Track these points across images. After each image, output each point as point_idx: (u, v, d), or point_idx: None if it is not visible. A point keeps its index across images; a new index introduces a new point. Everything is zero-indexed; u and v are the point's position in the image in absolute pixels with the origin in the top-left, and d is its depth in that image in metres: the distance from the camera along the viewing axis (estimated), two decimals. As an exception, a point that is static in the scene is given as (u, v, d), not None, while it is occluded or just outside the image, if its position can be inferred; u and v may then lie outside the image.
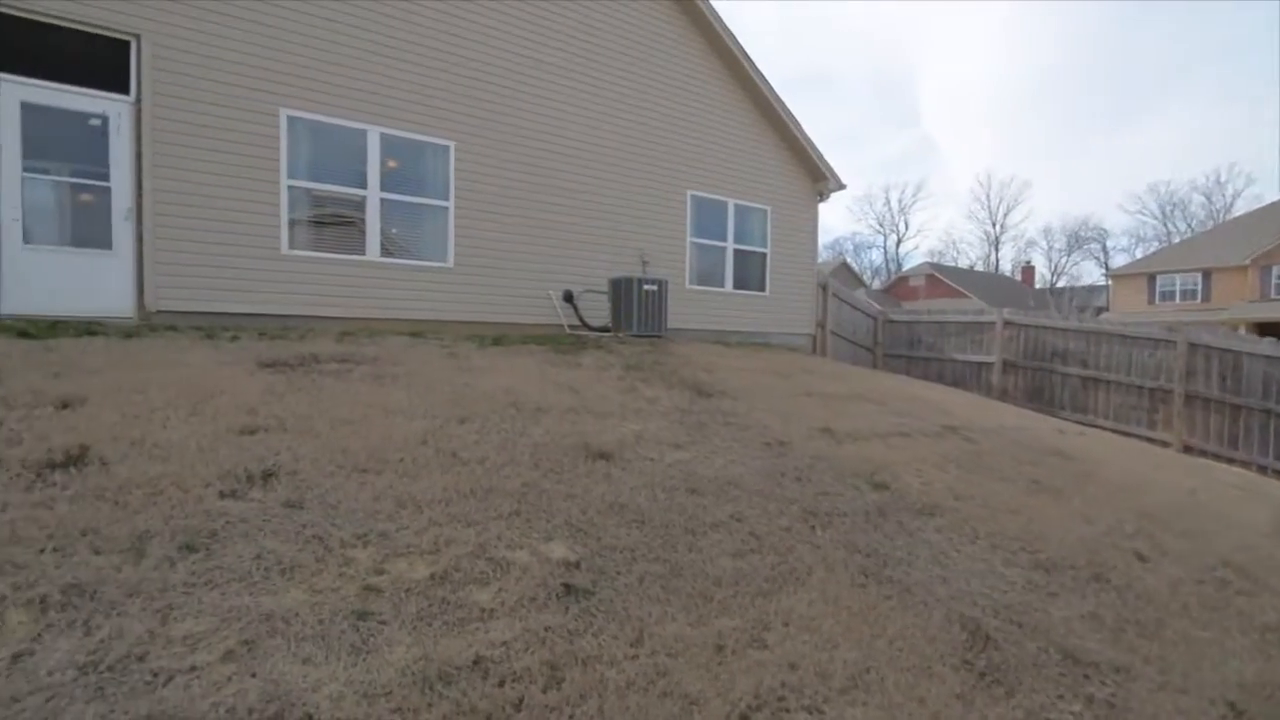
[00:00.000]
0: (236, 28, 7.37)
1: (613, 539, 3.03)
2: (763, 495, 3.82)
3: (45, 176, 6.83)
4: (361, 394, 4.38)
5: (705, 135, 11.26)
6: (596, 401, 5.03)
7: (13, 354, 4.41)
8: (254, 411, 3.78)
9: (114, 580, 2.23)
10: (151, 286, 7.04)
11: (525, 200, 9.40)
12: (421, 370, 5.27)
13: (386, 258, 8.40)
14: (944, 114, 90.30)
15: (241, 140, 7.42)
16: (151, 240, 7.02)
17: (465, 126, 8.85)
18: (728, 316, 11.61)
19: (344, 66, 7.98)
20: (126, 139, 6.99)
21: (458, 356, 6.15)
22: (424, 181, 8.73)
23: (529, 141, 9.40)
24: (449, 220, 8.80)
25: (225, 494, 2.87)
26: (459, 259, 8.88)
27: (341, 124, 8.00)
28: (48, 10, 6.55)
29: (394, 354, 5.82)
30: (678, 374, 6.45)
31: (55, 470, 2.85)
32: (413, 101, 8.46)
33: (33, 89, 6.71)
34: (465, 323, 8.75)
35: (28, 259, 6.62)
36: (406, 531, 2.81)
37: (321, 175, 8.06)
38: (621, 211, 10.34)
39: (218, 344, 5.64)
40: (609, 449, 4.02)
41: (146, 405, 3.64)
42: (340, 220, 8.24)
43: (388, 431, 3.76)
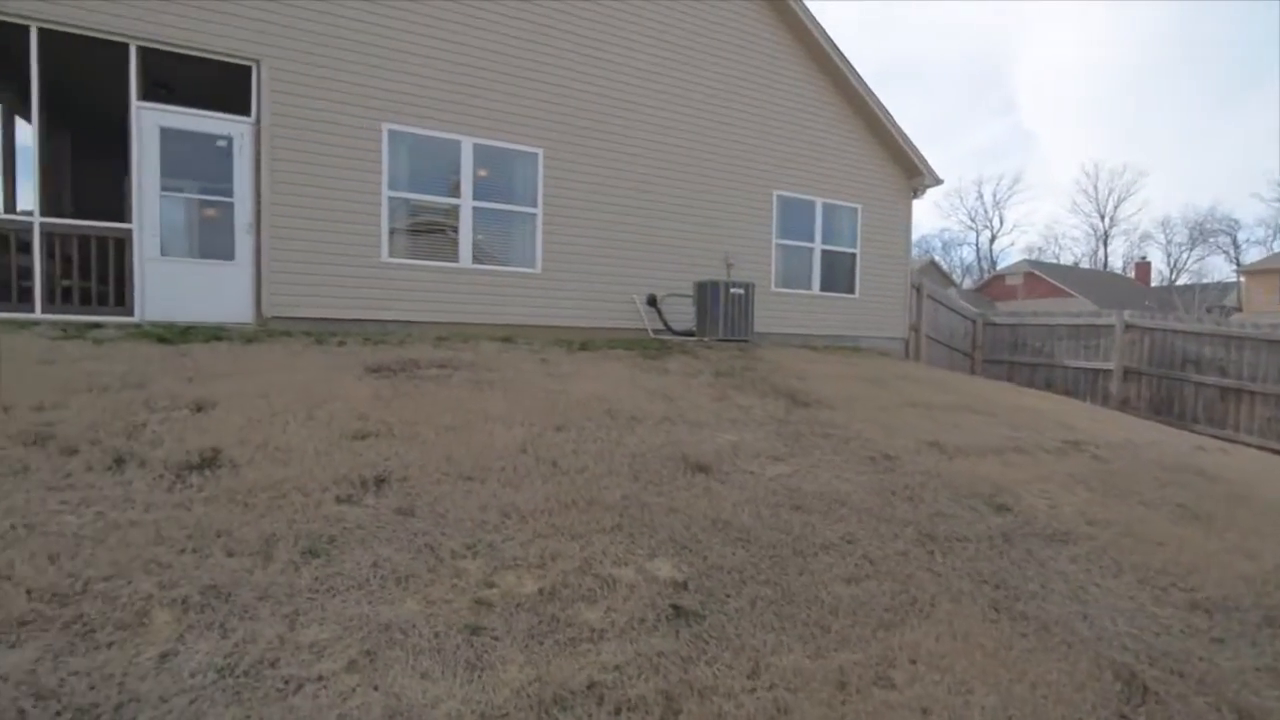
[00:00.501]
0: (343, 50, 7.78)
1: (719, 558, 2.91)
2: (873, 515, 3.59)
3: (178, 194, 7.44)
4: (462, 400, 4.47)
5: (793, 133, 10.94)
6: (690, 410, 4.92)
7: (153, 359, 4.79)
8: (364, 417, 3.91)
9: (246, 583, 2.32)
10: (268, 294, 7.53)
11: (609, 204, 9.43)
12: (515, 376, 5.33)
13: (478, 264, 8.63)
14: (1042, 100, 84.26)
15: (347, 155, 7.82)
16: (268, 251, 7.51)
17: (553, 133, 8.98)
18: (815, 320, 11.22)
19: (439, 80, 8.27)
20: (248, 157, 7.52)
21: (548, 362, 6.20)
22: (513, 189, 8.92)
23: (614, 146, 9.42)
24: (537, 226, 8.95)
25: (342, 499, 2.96)
26: (546, 265, 9.00)
27: (437, 136, 8.29)
28: (185, 42, 7.14)
29: (488, 359, 5.94)
30: (769, 381, 6.24)
31: (192, 472, 3.03)
32: (503, 111, 8.65)
33: (169, 115, 7.32)
34: (552, 327, 8.86)
35: (163, 270, 7.23)
36: (513, 543, 2.79)
37: (418, 186, 8.38)
38: (705, 214, 10.20)
39: (327, 349, 5.93)
40: (707, 461, 3.90)
41: (268, 409, 3.84)
42: (435, 228, 8.54)
43: (489, 439, 3.80)
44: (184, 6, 7.09)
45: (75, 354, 4.78)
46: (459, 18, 8.37)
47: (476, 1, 8.46)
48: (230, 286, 7.46)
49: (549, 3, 8.91)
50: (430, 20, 8.21)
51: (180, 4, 7.07)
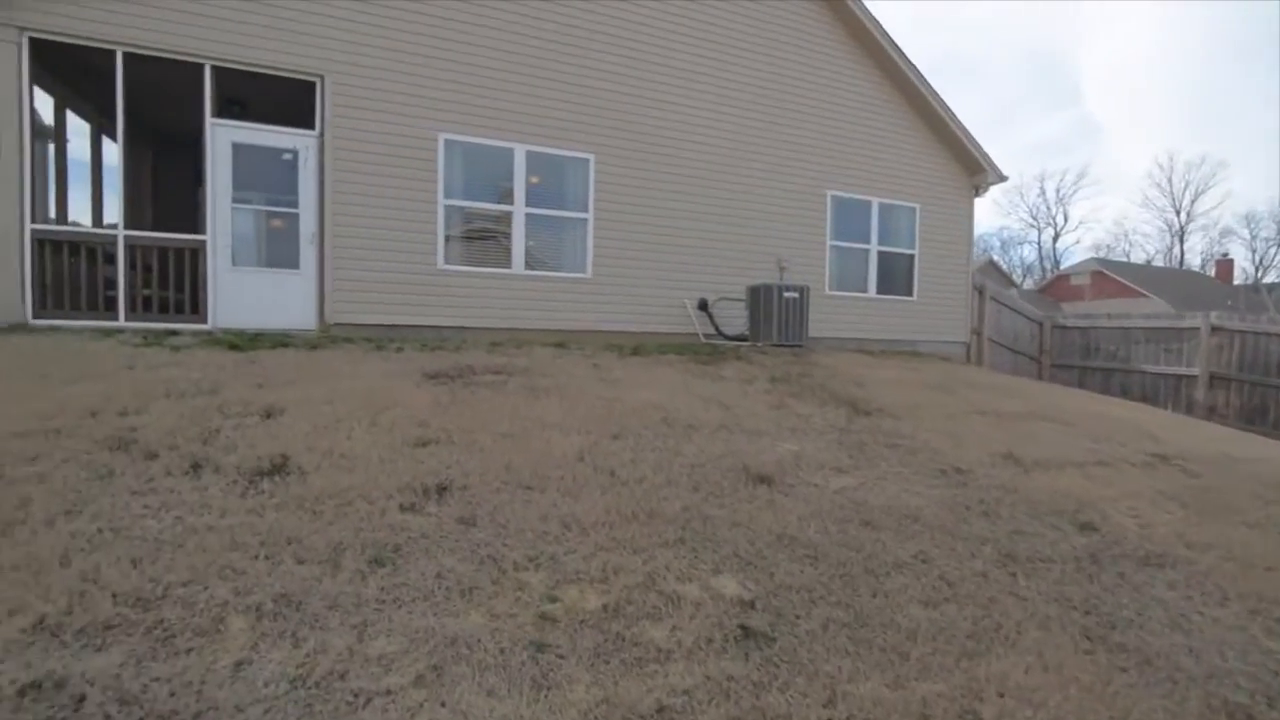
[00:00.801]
0: (401, 63, 7.97)
1: (786, 576, 2.79)
2: (947, 532, 3.40)
3: (248, 206, 7.75)
4: (518, 407, 4.47)
5: (847, 131, 10.66)
6: (747, 418, 4.80)
7: (225, 365, 4.98)
8: (424, 424, 3.95)
9: (316, 591, 2.34)
10: (330, 302, 7.76)
11: (660, 208, 9.37)
12: (569, 383, 5.32)
13: (530, 270, 8.70)
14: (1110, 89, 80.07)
15: (405, 165, 8.00)
16: (330, 260, 7.74)
17: (604, 138, 8.99)
18: (871, 323, 10.89)
19: (493, 89, 8.38)
20: (312, 170, 7.78)
21: (601, 368, 6.17)
22: (565, 195, 8.96)
23: (665, 149, 9.37)
24: (588, 232, 8.97)
25: (405, 507, 2.97)
26: (597, 270, 9.01)
27: (490, 144, 8.40)
28: (255, 60, 7.44)
29: (542, 365, 5.95)
30: (827, 388, 6.05)
31: (263, 478, 3.10)
32: (555, 117, 8.71)
33: (240, 130, 7.64)
34: (602, 332, 8.86)
35: (234, 279, 7.54)
36: (574, 556, 2.74)
37: (472, 193, 8.52)
38: (757, 216, 10.03)
39: (386, 355, 6.05)
40: (768, 472, 3.78)
41: (333, 416, 3.92)
42: (488, 235, 8.66)
43: (546, 447, 3.78)
44: (254, 27, 7.39)
45: (154, 360, 5.00)
46: (513, 28, 8.47)
47: (530, 11, 8.55)
48: (295, 295, 7.72)
49: (600, 10, 8.93)
50: (485, 31, 8.33)
51: (251, 24, 7.37)
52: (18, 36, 6.72)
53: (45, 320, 6.81)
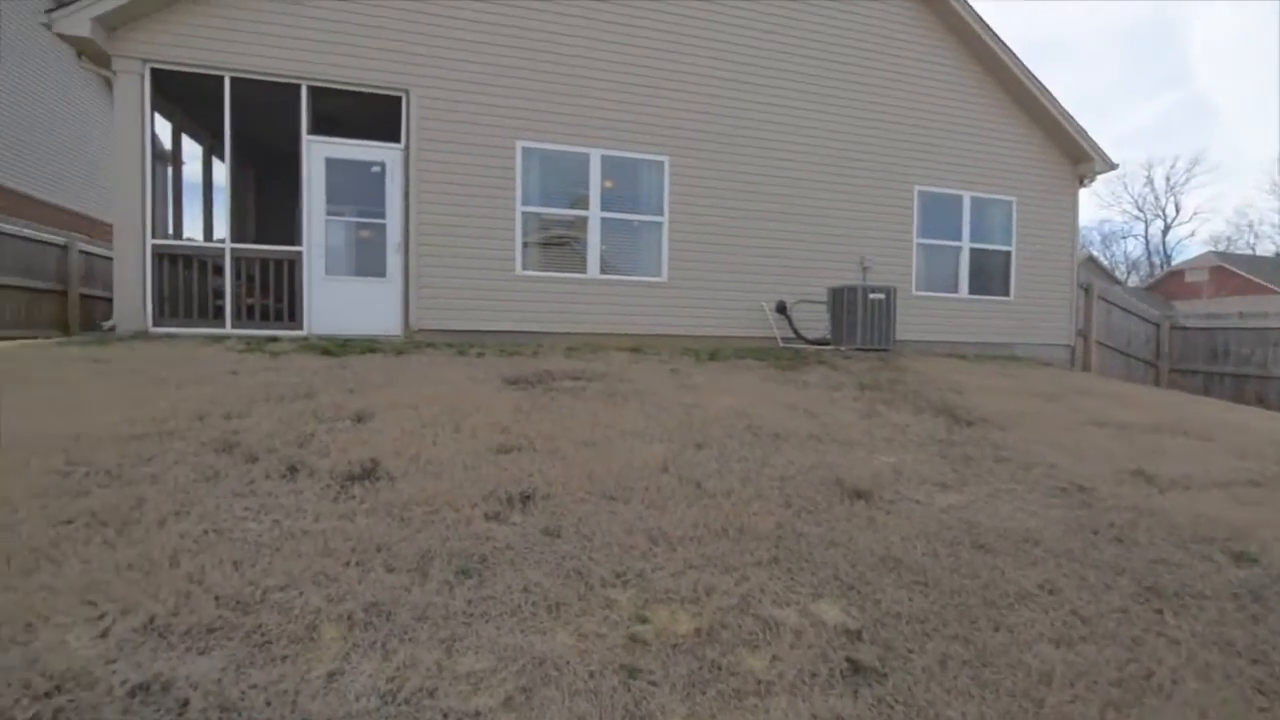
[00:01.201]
0: (481, 74, 8.14)
1: (894, 604, 2.55)
2: (1073, 559, 3.04)
3: (339, 218, 8.11)
4: (598, 414, 4.39)
5: (936, 122, 10.08)
6: (837, 427, 4.53)
7: (319, 371, 5.17)
8: (506, 430, 3.93)
9: (405, 602, 2.31)
10: (414, 308, 8.00)
11: (736, 210, 9.15)
12: (649, 388, 5.20)
13: (606, 274, 8.69)
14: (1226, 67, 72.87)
15: (484, 174, 8.16)
16: (415, 268, 7.99)
17: (679, 140, 8.87)
18: (962, 325, 10.24)
19: (569, 95, 8.43)
20: (398, 182, 8.06)
21: (679, 373, 6.03)
22: (639, 198, 8.90)
23: (740, 149, 9.15)
24: (663, 235, 8.86)
25: (490, 516, 2.93)
26: (672, 273, 8.89)
27: (566, 150, 8.45)
28: (346, 78, 7.79)
29: (620, 371, 5.87)
30: (922, 395, 5.66)
31: (354, 483, 3.14)
32: (629, 121, 8.67)
33: (333, 146, 8.02)
34: (678, 336, 8.72)
35: (326, 288, 7.90)
36: (663, 573, 2.61)
37: (549, 199, 8.59)
38: (838, 215, 9.63)
39: (468, 360, 6.15)
40: (865, 486, 3.52)
41: (419, 421, 3.96)
42: (564, 241, 8.71)
43: (628, 456, 3.67)
44: (346, 47, 7.73)
45: (256, 365, 5.26)
46: (587, 34, 8.49)
47: (604, 16, 8.55)
48: (382, 302, 8.01)
49: (671, 12, 8.82)
50: (560, 38, 8.40)
51: (343, 45, 7.72)
52: (140, 68, 7.30)
53: (163, 328, 7.36)
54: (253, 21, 7.47)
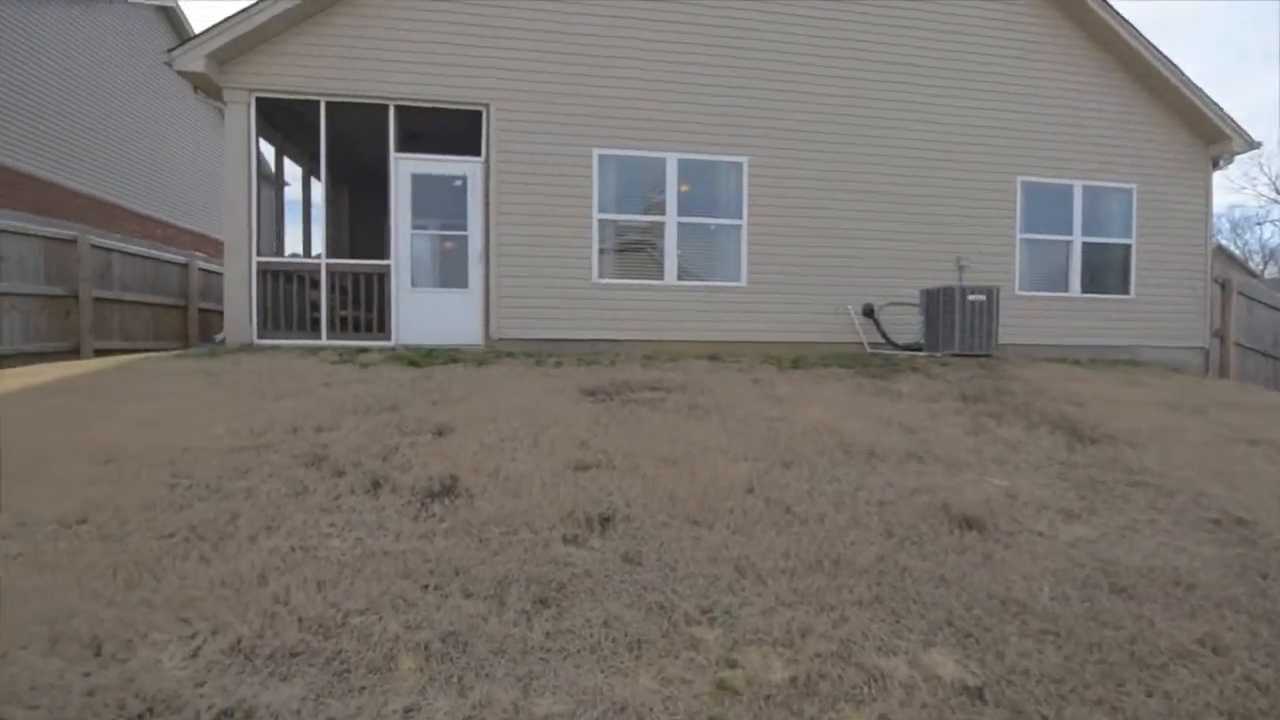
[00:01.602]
0: (559, 85, 8.18)
1: (1020, 657, 2.23)
2: (1240, 609, 2.58)
3: (424, 231, 8.36)
4: (678, 428, 4.23)
5: (1040, 106, 9.29)
6: (939, 444, 4.15)
7: (404, 382, 5.29)
8: (584, 445, 3.83)
9: (482, 632, 2.22)
10: (494, 318, 8.13)
11: (819, 209, 8.76)
12: (730, 400, 4.99)
13: (683, 280, 8.52)
14: (1394, 27, 63.63)
15: (561, 182, 8.19)
16: (495, 279, 8.11)
17: (757, 140, 8.58)
18: (1073, 327, 9.37)
19: (644, 100, 8.33)
20: (479, 194, 8.22)
21: (761, 383, 5.77)
22: (716, 201, 8.68)
23: (822, 145, 8.75)
24: (741, 238, 8.60)
25: (568, 539, 2.82)
26: (751, 278, 8.61)
27: (643, 155, 8.36)
28: (431, 96, 8.03)
29: (699, 381, 5.68)
30: (1034, 407, 5.14)
31: (433, 500, 3.12)
32: (706, 122, 8.47)
33: (418, 162, 8.28)
34: (759, 343, 8.43)
35: (412, 299, 8.16)
36: (752, 609, 2.40)
37: (625, 206, 8.52)
38: (931, 211, 9.03)
39: (545, 371, 6.14)
40: (976, 514, 3.16)
41: (497, 435, 3.93)
42: (641, 247, 8.61)
43: (711, 474, 3.48)
44: (431, 66, 7.97)
45: (346, 377, 5.44)
46: (662, 37, 8.37)
47: (679, 18, 8.40)
48: (464, 312, 8.19)
49: (745, 9, 8.56)
50: (635, 44, 8.32)
51: (427, 65, 7.96)
52: (247, 98, 7.80)
53: (267, 340, 7.82)
54: (345, 48, 7.84)
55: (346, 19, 7.83)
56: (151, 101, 16.66)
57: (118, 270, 9.92)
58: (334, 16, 7.81)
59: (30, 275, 8.33)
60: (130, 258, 10.20)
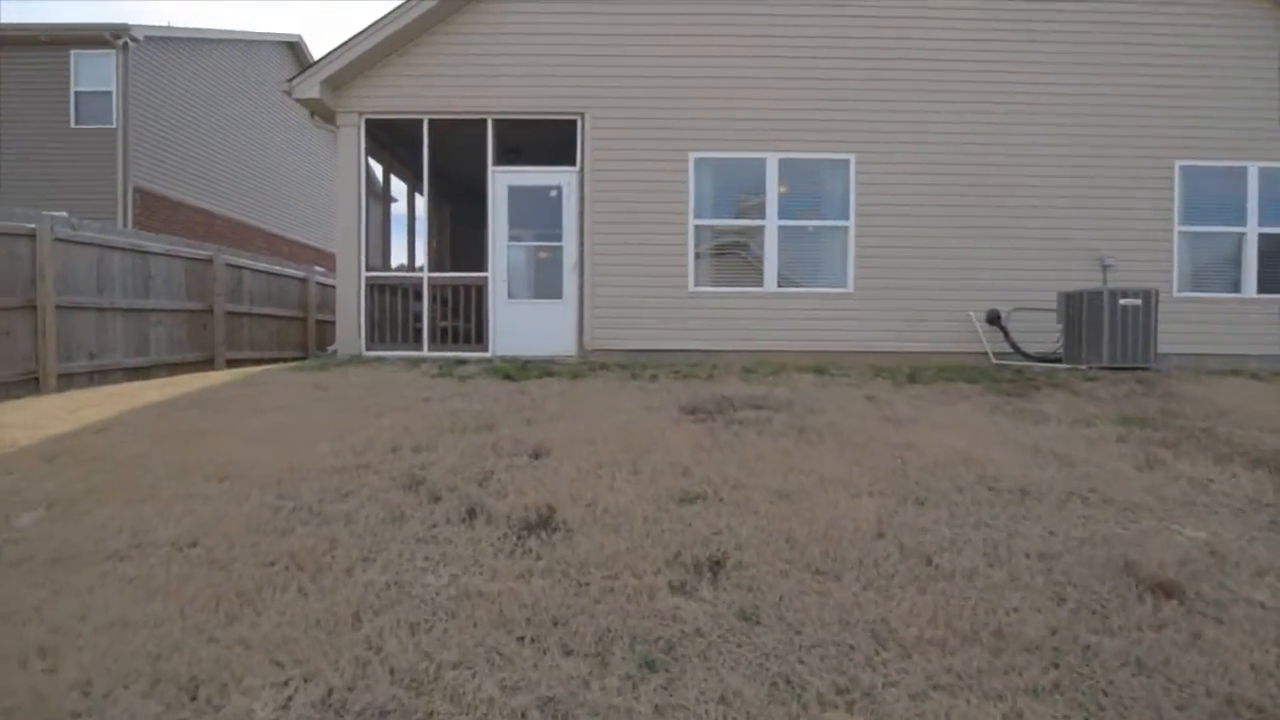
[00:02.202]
0: (652, 88, 7.97)
1: (1272, 788, 1.70)
2: None
3: (520, 243, 8.40)
4: (789, 454, 3.84)
5: (1204, 77, 8.07)
6: (1105, 481, 3.51)
7: (500, 398, 5.22)
8: (687, 472, 3.54)
9: (583, 700, 1.98)
10: (588, 328, 8.02)
11: (934, 207, 8.02)
12: (844, 421, 4.53)
13: (784, 287, 8.06)
14: None
15: (657, 188, 7.97)
16: (589, 288, 8.00)
17: (864, 135, 7.99)
18: (1248, 334, 8.07)
19: (742, 99, 7.96)
20: (573, 204, 8.15)
21: (877, 401, 5.25)
22: (820, 202, 8.16)
23: (937, 136, 8.02)
24: (848, 241, 8.02)
25: (675, 587, 2.54)
26: (859, 282, 8.01)
27: (741, 156, 7.99)
28: (526, 108, 8.06)
29: (807, 397, 5.25)
30: (1218, 434, 4.32)
31: (530, 533, 2.93)
32: (808, 119, 7.98)
33: (514, 174, 8.33)
34: (866, 353, 7.82)
35: (509, 310, 8.20)
36: (898, 692, 2.01)
37: (722, 210, 8.18)
38: (1068, 204, 8.06)
39: (641, 385, 5.90)
40: (1171, 576, 2.58)
41: (595, 459, 3.72)
42: (739, 253, 8.23)
43: (832, 512, 3.08)
44: (526, 79, 8.00)
45: (445, 391, 5.45)
46: (761, 33, 7.98)
47: (777, 11, 7.97)
48: (558, 323, 8.14)
49: None
50: (732, 41, 7.98)
51: (524, 78, 8.00)
52: (357, 120, 8.14)
53: (374, 351, 8.11)
54: (444, 67, 8.01)
55: (446, 38, 8.01)
56: (276, 128, 18.11)
57: (247, 285, 10.71)
58: (434, 36, 8.01)
59: (174, 292, 9.11)
60: (257, 274, 11.00)
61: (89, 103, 14.18)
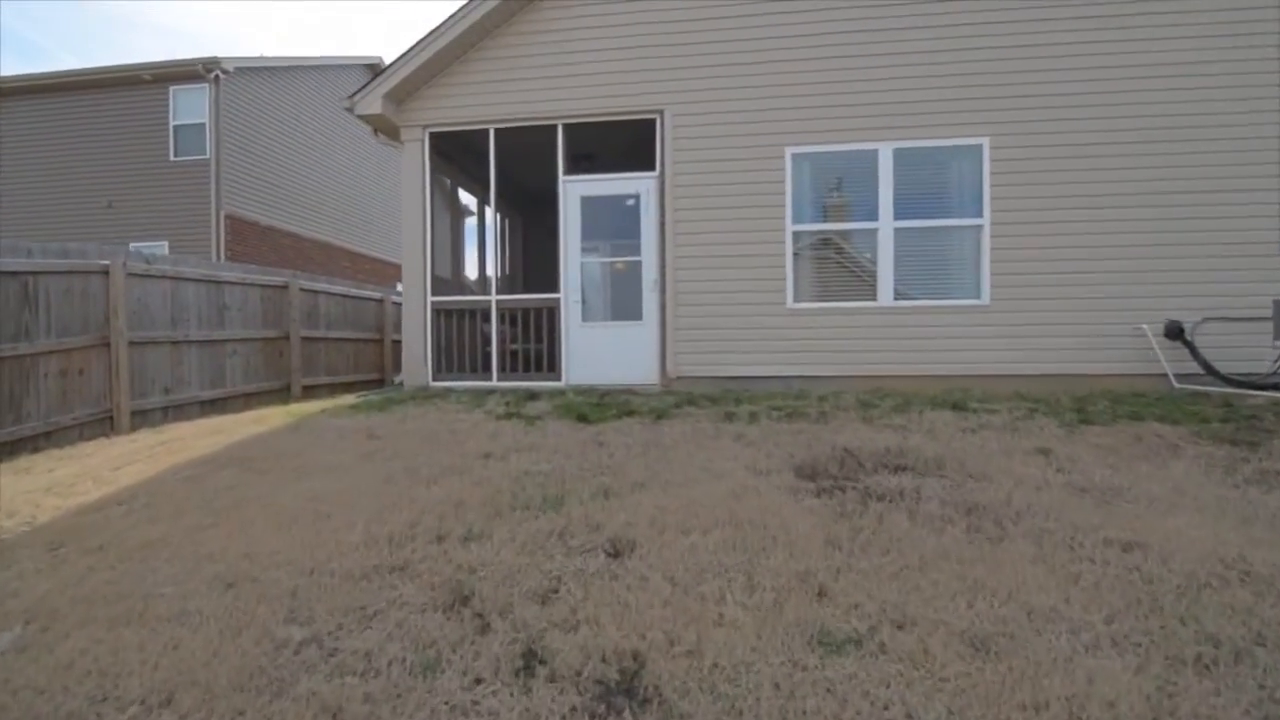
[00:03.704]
0: (742, 79, 6.98)
1: None
2: None
3: (594, 259, 7.61)
4: (965, 559, 2.76)
5: None
6: None
7: (572, 452, 4.38)
8: (824, 592, 2.54)
9: None
10: (672, 353, 7.10)
11: (1091, 198, 6.58)
12: (1024, 496, 3.37)
13: (901, 301, 6.84)
14: None
15: (748, 190, 6.97)
16: (672, 308, 7.09)
17: (1001, 114, 6.65)
18: None
19: (848, 80, 6.82)
20: (653, 213, 7.27)
21: (1054, 457, 4.03)
22: (946, 198, 6.88)
23: (1092, 113, 6.56)
24: (981, 242, 6.71)
25: None
26: (996, 292, 6.67)
27: (847, 149, 6.85)
28: (599, 110, 7.27)
29: (957, 451, 4.09)
30: None
31: (608, 704, 2.03)
32: (930, 99, 6.73)
33: (587, 183, 7.55)
34: (1006, 376, 6.48)
35: (583, 334, 7.41)
36: None
37: (826, 213, 7.06)
38: (1272, 188, 6.39)
39: (738, 429, 4.92)
40: None
41: (694, 563, 2.79)
42: (846, 262, 7.07)
43: (1066, 682, 2.00)
44: (598, 77, 7.21)
45: (509, 441, 4.69)
46: (868, 15, 6.80)
47: (892, -27, 6.78)
48: (638, 347, 7.27)
49: (992, -58, 6.67)
50: (836, 12, 6.84)
51: (595, 76, 7.22)
52: (421, 134, 7.62)
53: (440, 382, 7.55)
54: (509, 71, 7.36)
55: (509, 40, 7.35)
56: (356, 148, 18.35)
57: (323, 309, 10.53)
58: (497, 39, 7.37)
59: (250, 321, 8.95)
60: (333, 297, 10.82)
61: (185, 135, 14.73)
